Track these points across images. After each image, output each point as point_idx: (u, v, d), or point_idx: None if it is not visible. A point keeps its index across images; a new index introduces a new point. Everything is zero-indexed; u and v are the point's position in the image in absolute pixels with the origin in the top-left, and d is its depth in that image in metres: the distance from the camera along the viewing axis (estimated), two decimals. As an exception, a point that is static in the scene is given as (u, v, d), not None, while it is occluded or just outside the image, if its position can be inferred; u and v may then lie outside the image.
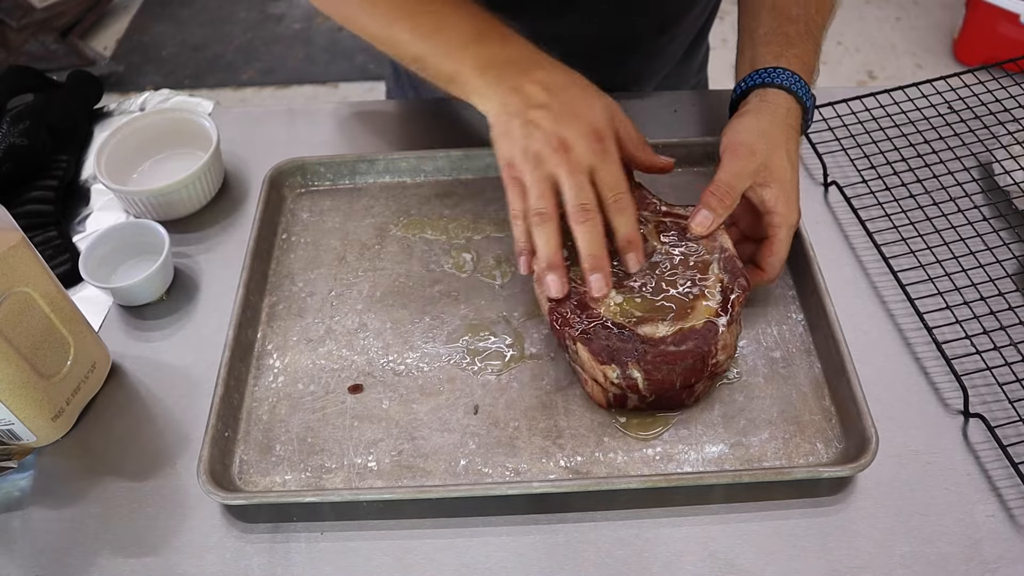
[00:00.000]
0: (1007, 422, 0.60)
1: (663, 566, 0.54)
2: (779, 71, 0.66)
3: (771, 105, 0.65)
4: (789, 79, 0.66)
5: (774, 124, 0.64)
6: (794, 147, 0.65)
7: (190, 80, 2.39)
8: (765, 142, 0.63)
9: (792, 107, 0.66)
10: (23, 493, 0.59)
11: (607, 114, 0.60)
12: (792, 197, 0.62)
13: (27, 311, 0.56)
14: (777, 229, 0.62)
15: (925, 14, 2.49)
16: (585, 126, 0.58)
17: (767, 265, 0.62)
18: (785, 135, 0.64)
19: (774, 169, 0.62)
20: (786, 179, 0.62)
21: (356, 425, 0.61)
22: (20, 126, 0.77)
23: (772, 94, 0.66)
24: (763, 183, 0.62)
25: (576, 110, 0.59)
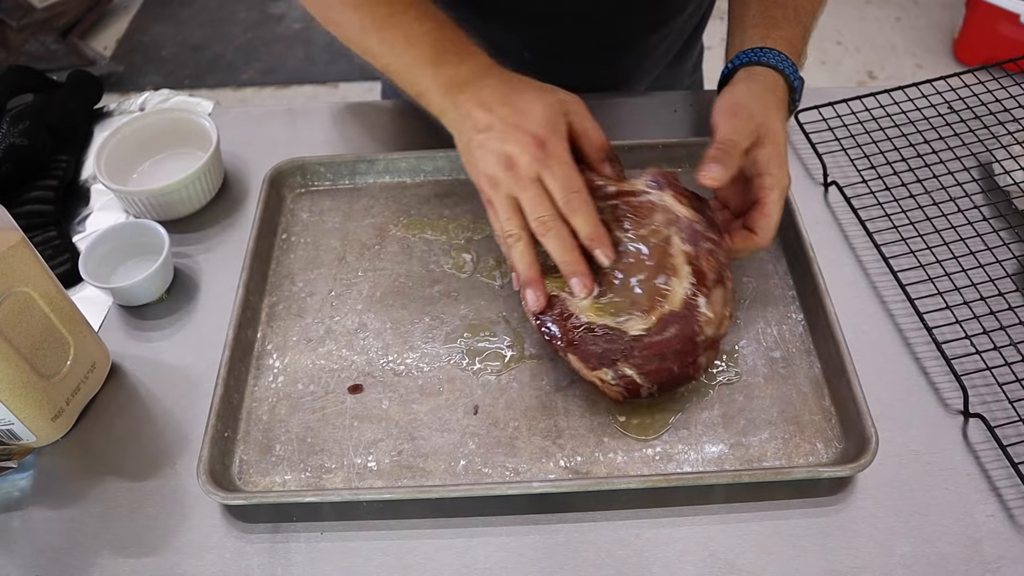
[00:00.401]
0: (1007, 422, 0.60)
1: (663, 566, 0.54)
2: (765, 51, 0.67)
3: (760, 78, 0.66)
4: (775, 58, 0.67)
5: (766, 93, 0.65)
6: (784, 116, 0.65)
7: (190, 80, 2.39)
8: (759, 105, 0.63)
9: (779, 83, 0.66)
10: (23, 493, 0.59)
11: (550, 114, 0.59)
12: (784, 161, 0.62)
13: (27, 311, 0.56)
14: (769, 191, 0.61)
15: (925, 14, 2.49)
16: (525, 136, 0.58)
17: (760, 228, 0.61)
18: (776, 103, 0.65)
19: (769, 131, 0.62)
20: (779, 142, 0.62)
21: (356, 425, 0.61)
22: (20, 126, 0.77)
23: (759, 71, 0.67)
24: (758, 144, 0.62)
25: (516, 122, 0.58)
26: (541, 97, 0.60)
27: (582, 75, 0.87)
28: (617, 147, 0.76)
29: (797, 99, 0.69)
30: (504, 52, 0.84)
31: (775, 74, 0.66)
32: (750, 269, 0.70)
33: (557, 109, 0.60)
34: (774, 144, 0.62)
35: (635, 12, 0.81)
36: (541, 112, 0.59)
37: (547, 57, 0.84)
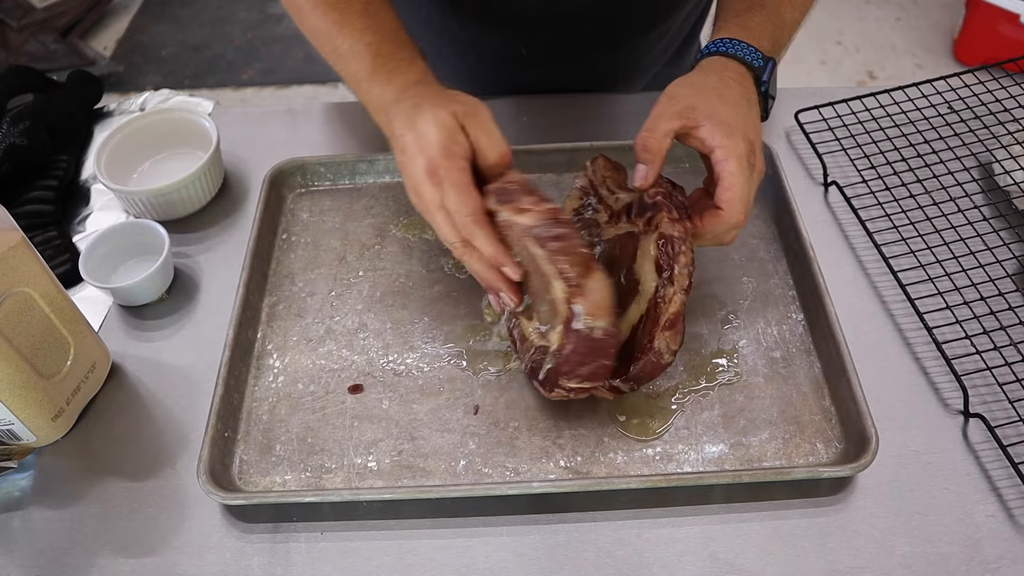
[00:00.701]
0: (1007, 422, 0.60)
1: (663, 566, 0.54)
2: (719, 41, 0.65)
3: (704, 68, 0.65)
4: (726, 44, 0.65)
5: (704, 77, 0.63)
6: (734, 92, 0.62)
7: (190, 80, 2.39)
8: (689, 90, 0.62)
9: (730, 65, 0.64)
10: (23, 493, 0.59)
11: (443, 137, 0.57)
12: (732, 129, 0.59)
13: (27, 311, 0.56)
14: (724, 163, 0.58)
15: (925, 14, 2.49)
16: (423, 165, 0.57)
17: (724, 202, 0.58)
18: (718, 84, 0.62)
19: (702, 108, 0.60)
20: (719, 116, 0.59)
21: (356, 425, 0.61)
22: (20, 126, 0.77)
23: (707, 62, 0.65)
24: (694, 124, 0.59)
25: (416, 150, 0.58)
26: (436, 116, 0.58)
27: (580, 73, 0.87)
28: (616, 147, 0.77)
29: (764, 79, 0.65)
30: (502, 49, 0.84)
31: (724, 59, 0.64)
32: (750, 269, 0.70)
33: (452, 126, 0.58)
34: (711, 119, 0.59)
35: (633, 10, 0.81)
36: (435, 136, 0.57)
37: (545, 54, 0.84)
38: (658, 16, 0.84)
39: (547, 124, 0.84)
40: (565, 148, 0.77)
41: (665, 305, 0.56)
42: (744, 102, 0.62)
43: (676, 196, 0.60)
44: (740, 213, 0.58)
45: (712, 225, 0.59)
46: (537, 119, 0.84)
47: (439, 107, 0.58)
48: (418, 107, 0.59)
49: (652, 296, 0.57)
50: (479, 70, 0.87)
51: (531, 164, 0.77)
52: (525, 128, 0.84)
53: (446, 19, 0.82)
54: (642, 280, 0.58)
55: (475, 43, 0.84)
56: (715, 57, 0.65)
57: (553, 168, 0.78)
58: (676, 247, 0.56)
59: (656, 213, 0.58)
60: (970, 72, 0.85)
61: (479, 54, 0.85)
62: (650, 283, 0.57)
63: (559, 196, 0.76)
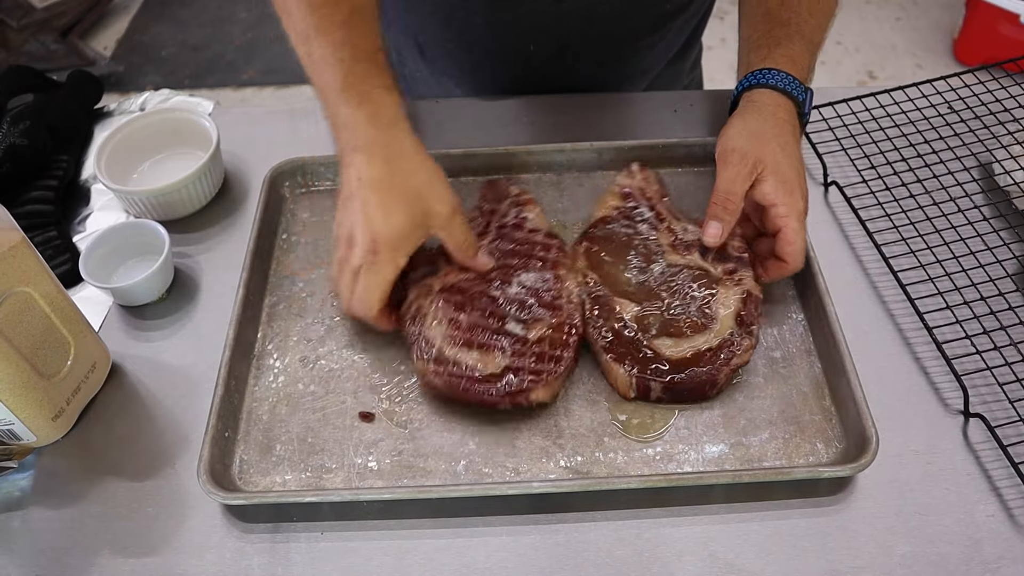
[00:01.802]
0: (1007, 422, 0.60)
1: (663, 566, 0.54)
2: (765, 72, 0.68)
3: (757, 105, 0.67)
4: (775, 77, 0.68)
5: (762, 122, 0.66)
6: (789, 139, 0.66)
7: (190, 80, 2.39)
8: (754, 141, 0.64)
9: (781, 102, 0.67)
10: (23, 493, 0.59)
11: (405, 230, 0.59)
12: (792, 186, 0.63)
13: (27, 311, 0.56)
14: (786, 219, 0.63)
15: (925, 14, 2.49)
16: (369, 236, 0.58)
17: (788, 255, 0.63)
18: (776, 130, 0.66)
19: (767, 163, 0.63)
20: (781, 170, 0.63)
21: (356, 425, 0.61)
22: (20, 126, 0.77)
23: (758, 94, 0.68)
24: (760, 179, 0.63)
25: (371, 215, 0.58)
26: (408, 207, 0.59)
27: (585, 72, 0.87)
28: (617, 147, 0.77)
29: (806, 112, 0.70)
30: (509, 47, 0.84)
31: (775, 94, 0.67)
32: (750, 269, 0.70)
33: (417, 222, 0.59)
34: (775, 174, 0.63)
35: (640, 9, 0.82)
36: (398, 223, 0.58)
37: (551, 53, 0.84)
38: (663, 16, 0.84)
39: (547, 124, 0.84)
40: (565, 148, 0.77)
41: (739, 353, 0.60)
42: (796, 146, 0.66)
43: (751, 255, 0.66)
44: (801, 262, 0.64)
45: (777, 274, 0.65)
46: (537, 119, 0.84)
47: (417, 199, 0.59)
48: (395, 171, 0.59)
49: (727, 339, 0.61)
50: (485, 67, 0.87)
51: (531, 164, 0.77)
52: (525, 128, 0.84)
53: (453, 14, 0.82)
54: (719, 320, 0.62)
55: (482, 39, 0.84)
56: (765, 91, 0.68)
57: (553, 168, 0.78)
58: (758, 308, 0.63)
59: (743, 269, 0.65)
60: (970, 72, 0.85)
61: (486, 51, 0.85)
62: (726, 327, 0.62)
63: (559, 196, 0.76)
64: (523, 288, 0.64)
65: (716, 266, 0.65)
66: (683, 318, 0.62)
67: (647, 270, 0.65)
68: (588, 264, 0.66)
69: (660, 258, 0.66)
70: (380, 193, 0.59)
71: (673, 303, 0.63)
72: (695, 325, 0.62)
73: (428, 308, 0.62)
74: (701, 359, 0.60)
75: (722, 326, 0.62)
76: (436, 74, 0.91)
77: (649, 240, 0.68)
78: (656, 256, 0.66)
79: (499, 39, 0.83)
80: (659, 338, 0.61)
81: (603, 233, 0.68)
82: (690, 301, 0.63)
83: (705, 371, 0.59)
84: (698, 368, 0.60)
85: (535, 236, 0.68)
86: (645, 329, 0.62)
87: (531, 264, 0.65)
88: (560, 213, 0.75)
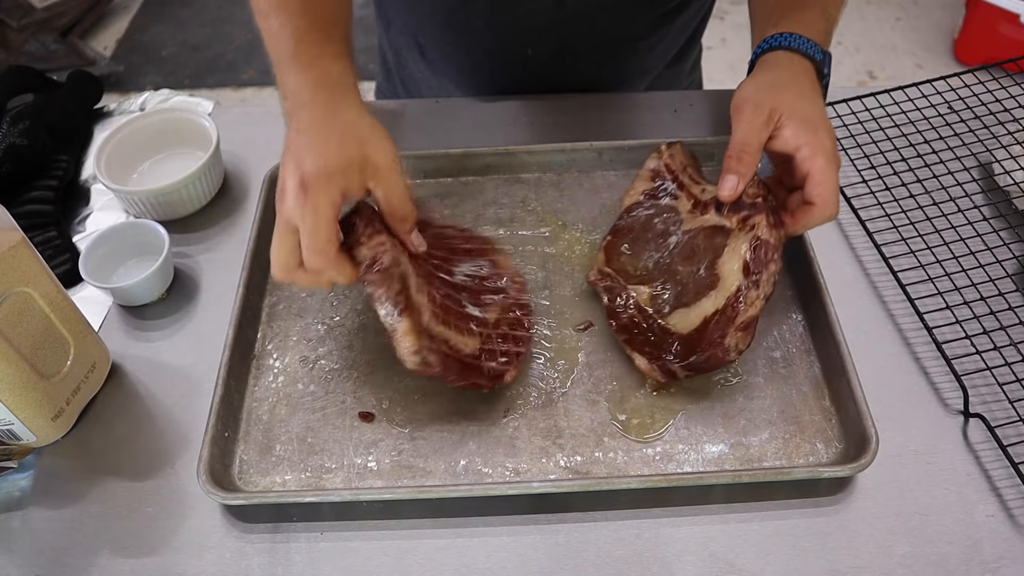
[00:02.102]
0: (1007, 422, 0.60)
1: (663, 566, 0.54)
2: (778, 36, 0.66)
3: (771, 63, 0.65)
4: (788, 39, 0.65)
5: (776, 75, 0.64)
6: (807, 87, 0.63)
7: (190, 80, 2.39)
8: (769, 92, 0.62)
9: (796, 60, 0.65)
10: (23, 493, 0.59)
11: (339, 165, 0.56)
12: (815, 125, 0.60)
13: (27, 311, 0.56)
14: (812, 160, 0.59)
15: (925, 14, 2.49)
16: (297, 178, 0.55)
17: (816, 197, 0.59)
18: (791, 80, 0.63)
19: (784, 109, 0.61)
20: (800, 113, 0.60)
21: (356, 425, 0.61)
22: (20, 126, 0.77)
23: (772, 56, 0.66)
24: (779, 126, 0.60)
25: (300, 156, 0.55)
26: (342, 143, 0.56)
27: (584, 73, 0.87)
28: (617, 147, 0.77)
29: (826, 72, 0.67)
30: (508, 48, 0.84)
31: (790, 54, 0.65)
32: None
33: (352, 160, 0.56)
34: (794, 117, 0.60)
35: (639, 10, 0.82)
36: (331, 155, 0.56)
37: (551, 55, 0.84)
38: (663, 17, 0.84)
39: (547, 124, 0.84)
40: (565, 148, 0.77)
41: (745, 307, 0.57)
42: (817, 96, 0.63)
43: (772, 200, 0.61)
44: (834, 205, 0.59)
45: (806, 220, 0.60)
46: (537, 119, 0.84)
47: (352, 140, 0.57)
48: (330, 120, 0.57)
49: (733, 295, 0.58)
50: (484, 68, 0.87)
51: (531, 164, 0.77)
52: (525, 128, 0.84)
53: (453, 15, 0.82)
54: (724, 276, 0.59)
55: (482, 41, 0.84)
56: (779, 52, 0.65)
57: (553, 168, 0.78)
58: (769, 254, 0.58)
59: (755, 214, 0.60)
60: (970, 72, 0.85)
61: (485, 52, 0.85)
62: (733, 281, 0.58)
63: (559, 195, 0.76)
64: (465, 276, 0.63)
65: (731, 218, 0.61)
66: (691, 284, 0.59)
67: (664, 246, 0.64)
68: (605, 259, 0.66)
69: (677, 228, 0.64)
70: (312, 133, 0.56)
71: (685, 271, 0.61)
72: (702, 288, 0.59)
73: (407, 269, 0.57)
74: (708, 326, 0.58)
75: (728, 282, 0.58)
76: (436, 75, 0.91)
77: (668, 214, 0.66)
78: (674, 228, 0.65)
79: (499, 40, 0.83)
80: (672, 314, 0.60)
81: (626, 223, 0.68)
82: (700, 263, 0.60)
83: (715, 338, 0.57)
84: (706, 337, 0.57)
85: (448, 231, 0.68)
86: (659, 310, 0.61)
87: (461, 257, 0.65)
88: (560, 213, 0.75)
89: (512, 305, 0.62)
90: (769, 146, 0.61)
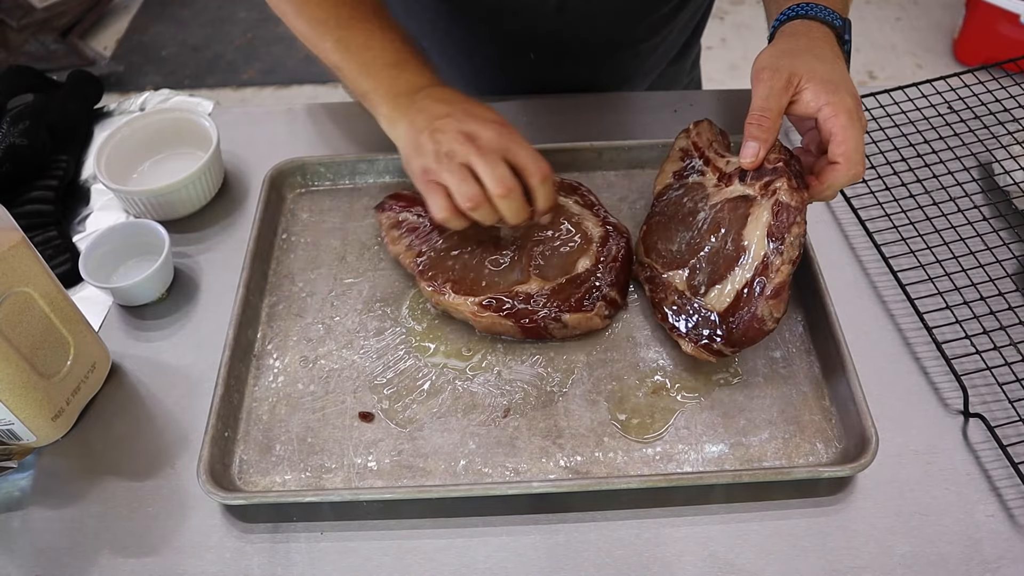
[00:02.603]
0: (1007, 422, 0.60)
1: (663, 566, 0.54)
2: (795, 6, 0.66)
3: (789, 32, 0.65)
4: (805, 8, 0.65)
5: (795, 42, 0.63)
6: (826, 51, 0.63)
7: (190, 80, 2.39)
8: (787, 58, 0.62)
9: (815, 26, 0.64)
10: (23, 493, 0.59)
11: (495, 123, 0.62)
12: (835, 85, 0.59)
13: (27, 311, 0.56)
14: (834, 119, 0.58)
15: (925, 14, 2.49)
16: (487, 120, 0.62)
17: (839, 156, 0.58)
18: (809, 45, 0.63)
19: (803, 72, 0.60)
20: (819, 75, 0.60)
21: (356, 425, 0.61)
22: (20, 126, 0.77)
23: (790, 26, 0.65)
24: (799, 90, 0.60)
25: (476, 112, 0.62)
26: (490, 112, 0.63)
27: (585, 74, 0.87)
28: (618, 147, 0.77)
29: (847, 37, 0.67)
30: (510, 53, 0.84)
31: (807, 22, 0.65)
32: (750, 269, 0.70)
33: (502, 129, 0.62)
34: (813, 79, 0.60)
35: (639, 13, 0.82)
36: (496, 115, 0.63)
37: (552, 60, 0.84)
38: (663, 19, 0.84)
39: (548, 124, 0.84)
40: (565, 148, 0.77)
41: (772, 274, 0.57)
42: (837, 59, 0.63)
43: (795, 164, 0.60)
44: (858, 164, 0.58)
45: (831, 179, 0.59)
46: (538, 119, 0.84)
47: (471, 101, 0.64)
48: (472, 101, 0.64)
49: (761, 263, 0.58)
50: (486, 73, 0.87)
51: (531, 164, 0.77)
52: (525, 128, 0.83)
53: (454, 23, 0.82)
54: (749, 245, 0.59)
55: (483, 47, 0.84)
56: (796, 21, 0.65)
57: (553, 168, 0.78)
58: (791, 217, 0.57)
59: (776, 179, 0.59)
60: (970, 72, 0.85)
61: (485, 58, 0.85)
62: (759, 250, 0.58)
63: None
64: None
65: (753, 185, 0.61)
66: (721, 259, 0.60)
67: (694, 224, 0.64)
68: (644, 249, 0.67)
69: (705, 204, 0.64)
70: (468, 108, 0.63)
71: (715, 246, 0.61)
72: (731, 261, 0.59)
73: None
74: (741, 299, 0.58)
75: (755, 251, 0.58)
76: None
77: (697, 192, 0.66)
78: (702, 204, 0.64)
79: (499, 46, 0.83)
80: (708, 293, 0.60)
81: (659, 209, 0.69)
82: (728, 236, 0.60)
83: (748, 312, 0.57)
84: (740, 311, 0.58)
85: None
86: (695, 290, 0.61)
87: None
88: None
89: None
90: (791, 111, 0.61)
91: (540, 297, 0.64)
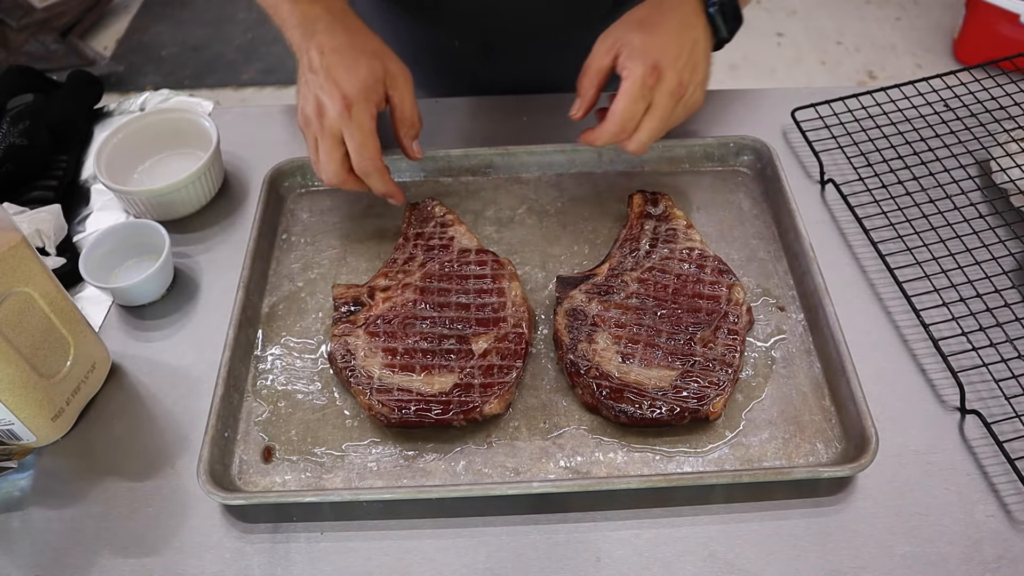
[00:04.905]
0: (1003, 418, 0.60)
1: (663, 566, 0.54)
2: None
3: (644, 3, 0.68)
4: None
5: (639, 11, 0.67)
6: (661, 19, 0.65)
7: (190, 80, 2.39)
8: (619, 27, 0.66)
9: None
10: (23, 493, 0.59)
11: (369, 79, 0.64)
12: (639, 53, 0.63)
13: (27, 311, 0.56)
14: (624, 83, 0.63)
15: (925, 14, 2.49)
16: (338, 93, 0.63)
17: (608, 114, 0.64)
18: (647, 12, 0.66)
19: (624, 39, 0.65)
20: (633, 43, 0.64)
21: (356, 425, 0.61)
22: (20, 126, 0.77)
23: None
24: (617, 54, 0.65)
25: (336, 77, 0.63)
26: (370, 62, 0.64)
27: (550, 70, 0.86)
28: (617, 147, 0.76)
29: (711, 10, 0.67)
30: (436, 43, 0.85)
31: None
32: (750, 269, 0.70)
33: (379, 76, 0.65)
34: (626, 46, 0.64)
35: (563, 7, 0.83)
36: (363, 74, 0.64)
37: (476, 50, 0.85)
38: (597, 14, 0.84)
39: (547, 124, 0.84)
40: (565, 148, 0.77)
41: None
42: (674, 27, 0.65)
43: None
44: (617, 124, 0.63)
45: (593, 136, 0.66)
46: (537, 119, 0.84)
47: (376, 55, 0.65)
48: (354, 42, 0.65)
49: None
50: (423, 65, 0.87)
51: (531, 164, 0.78)
52: (525, 128, 0.84)
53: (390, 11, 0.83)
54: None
55: (414, 36, 0.85)
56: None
57: (553, 168, 0.78)
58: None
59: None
60: (966, 70, 0.85)
61: (418, 46, 0.86)
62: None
63: (559, 195, 0.76)
64: (461, 307, 0.64)
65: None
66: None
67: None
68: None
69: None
70: (342, 55, 0.64)
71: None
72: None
73: (357, 343, 0.62)
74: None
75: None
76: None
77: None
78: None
79: (428, 34, 0.84)
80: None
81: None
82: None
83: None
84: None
85: (466, 256, 0.68)
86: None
87: (466, 284, 0.65)
88: (560, 213, 0.75)
89: (506, 334, 0.62)
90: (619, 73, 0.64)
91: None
